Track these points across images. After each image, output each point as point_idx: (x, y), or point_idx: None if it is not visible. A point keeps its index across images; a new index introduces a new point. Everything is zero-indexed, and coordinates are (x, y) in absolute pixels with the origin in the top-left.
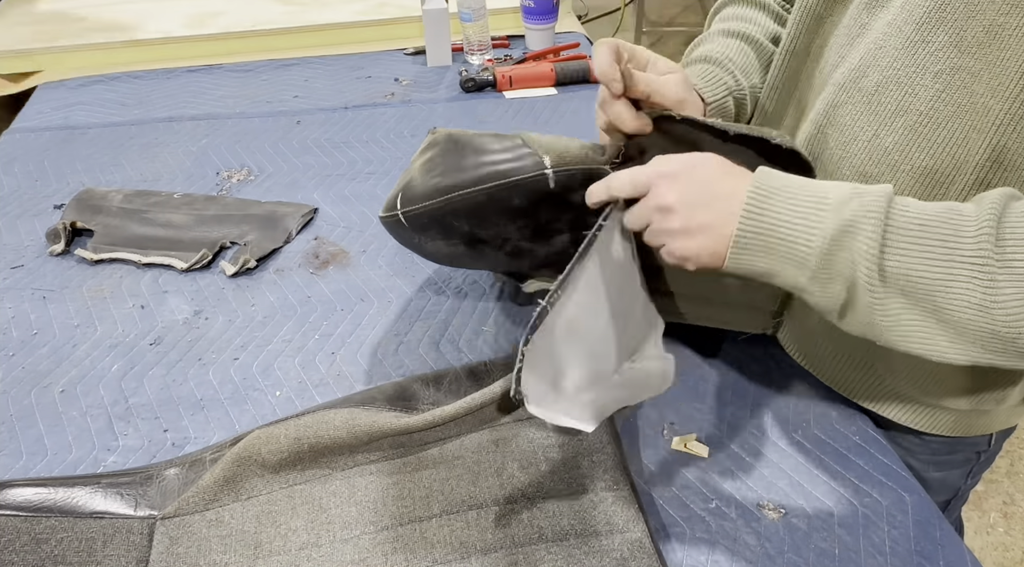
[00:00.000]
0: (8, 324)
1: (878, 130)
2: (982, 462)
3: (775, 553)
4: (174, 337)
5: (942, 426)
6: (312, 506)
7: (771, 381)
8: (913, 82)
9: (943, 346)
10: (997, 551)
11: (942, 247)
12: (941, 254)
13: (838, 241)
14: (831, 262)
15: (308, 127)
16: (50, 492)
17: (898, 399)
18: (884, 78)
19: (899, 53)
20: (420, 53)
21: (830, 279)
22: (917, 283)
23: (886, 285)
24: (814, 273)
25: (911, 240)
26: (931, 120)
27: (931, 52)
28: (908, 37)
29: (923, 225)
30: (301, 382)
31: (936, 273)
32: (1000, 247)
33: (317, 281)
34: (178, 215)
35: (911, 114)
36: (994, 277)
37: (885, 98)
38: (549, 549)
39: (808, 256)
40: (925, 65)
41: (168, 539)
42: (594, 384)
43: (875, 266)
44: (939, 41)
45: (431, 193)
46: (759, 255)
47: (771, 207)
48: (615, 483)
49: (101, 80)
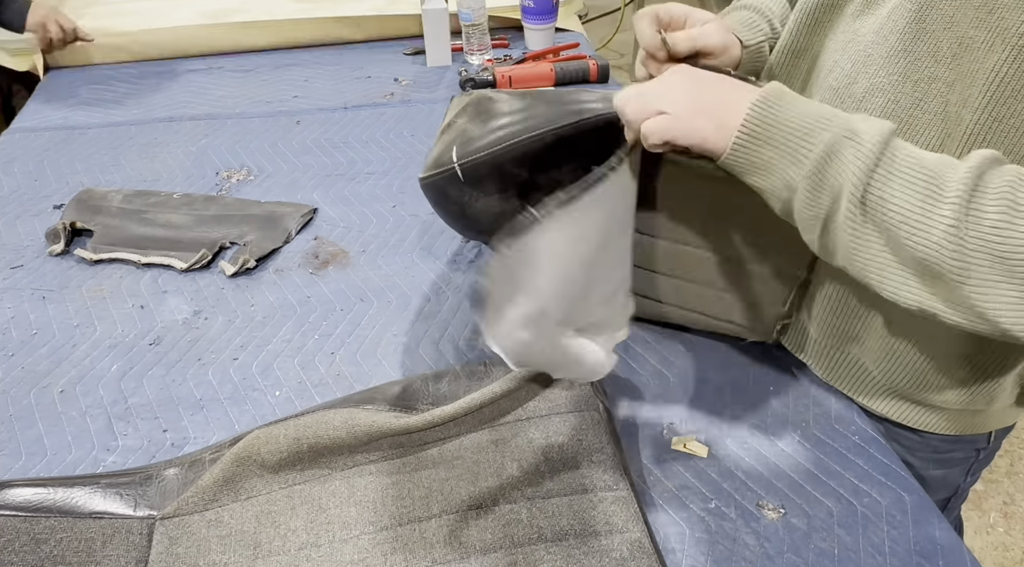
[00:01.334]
0: (8, 324)
1: None
2: (981, 460)
3: (774, 553)
4: (173, 337)
5: (937, 424)
6: (311, 506)
7: (770, 381)
8: (896, 90)
9: (895, 283)
10: (997, 551)
11: (924, 184)
12: (921, 189)
13: (838, 148)
14: (825, 168)
15: (308, 127)
16: (49, 492)
17: (891, 395)
18: (871, 85)
19: (884, 61)
20: (420, 53)
21: (820, 185)
22: (890, 212)
23: (865, 208)
24: (808, 174)
25: (899, 170)
26: (911, 127)
27: (911, 62)
28: (892, 46)
29: (916, 159)
30: (300, 382)
31: (910, 207)
32: (969, 194)
33: (317, 281)
34: (178, 215)
35: (892, 121)
36: (958, 219)
37: (871, 104)
38: (548, 549)
39: (808, 155)
40: (906, 74)
41: (167, 539)
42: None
43: (861, 184)
44: (918, 51)
45: (496, 141)
46: (762, 146)
47: (783, 105)
48: (614, 483)
49: (101, 79)
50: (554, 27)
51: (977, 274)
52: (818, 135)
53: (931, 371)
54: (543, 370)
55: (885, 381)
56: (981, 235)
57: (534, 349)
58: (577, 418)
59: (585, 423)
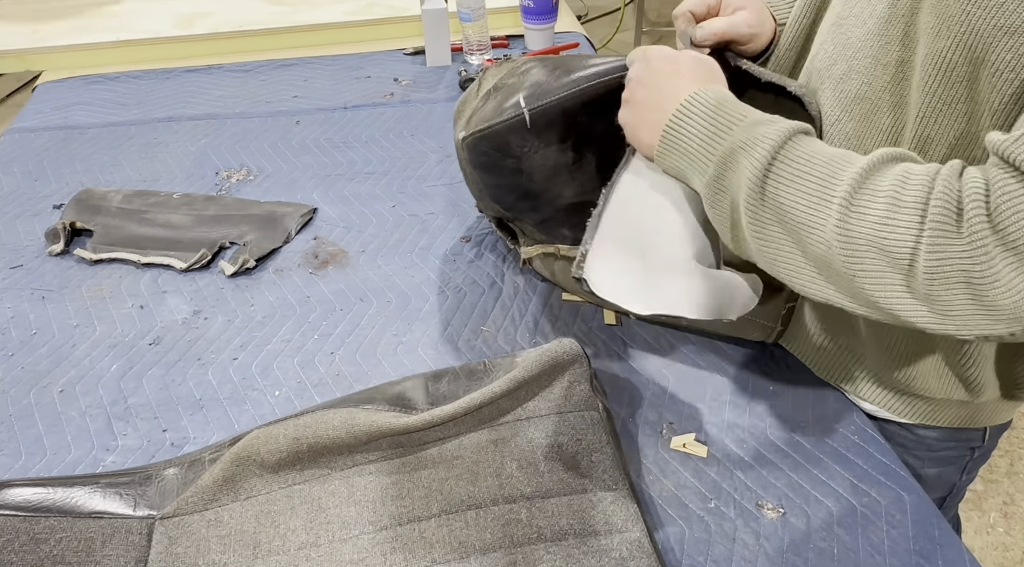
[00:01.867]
0: (7, 324)
1: (840, 116)
2: (977, 458)
3: (774, 552)
4: (173, 337)
5: (927, 415)
6: (311, 506)
7: (770, 381)
8: (869, 73)
9: (803, 279)
10: (997, 551)
11: (817, 185)
12: (814, 191)
13: (734, 157)
14: (723, 176)
15: (307, 127)
16: (49, 492)
17: (883, 386)
18: (849, 67)
19: (861, 44)
20: (419, 53)
21: (722, 192)
22: (787, 213)
23: (763, 210)
24: (709, 182)
25: (792, 172)
26: (879, 110)
27: (883, 45)
28: (870, 30)
29: (809, 161)
30: (300, 382)
31: (803, 207)
32: (855, 194)
33: (316, 281)
34: (177, 215)
35: (866, 102)
36: (846, 218)
37: (847, 86)
38: (548, 549)
39: (707, 165)
40: (878, 57)
41: (167, 539)
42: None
43: (757, 189)
44: (891, 35)
45: (569, 84)
46: (675, 156)
47: (695, 115)
48: (614, 483)
49: (100, 80)
50: (554, 27)
51: (867, 268)
52: (718, 145)
53: (919, 360)
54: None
55: (877, 370)
56: (866, 231)
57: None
58: (577, 418)
59: (585, 423)
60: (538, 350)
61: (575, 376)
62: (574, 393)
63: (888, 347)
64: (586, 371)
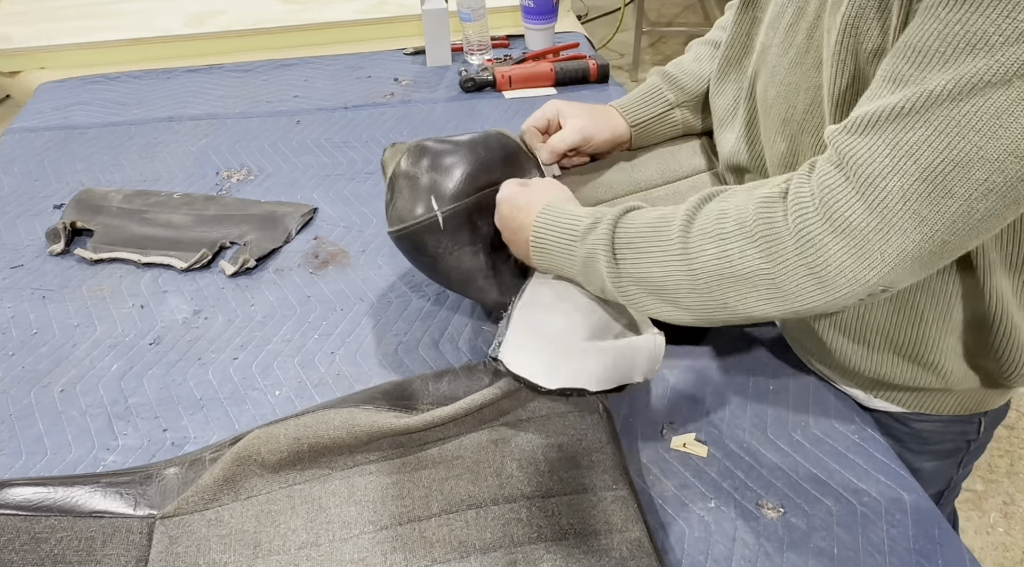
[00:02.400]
0: (8, 324)
1: (774, 137)
2: (973, 451)
3: (774, 552)
4: (173, 337)
5: (905, 402)
6: (311, 506)
7: (770, 380)
8: (791, 97)
9: (694, 320)
10: (997, 551)
11: (657, 250)
12: (657, 256)
13: (587, 265)
14: (590, 279)
15: (308, 127)
16: (50, 491)
17: (850, 367)
18: (777, 92)
19: (786, 71)
20: (420, 53)
21: (592, 282)
22: (648, 281)
23: (631, 289)
24: (580, 279)
25: (633, 251)
26: (804, 130)
27: (803, 72)
28: (792, 59)
29: (640, 236)
30: (300, 382)
31: (656, 272)
32: (686, 243)
33: (317, 281)
34: (178, 215)
35: (792, 124)
36: (691, 266)
37: (776, 111)
38: (548, 548)
39: (572, 268)
40: (799, 83)
41: (167, 538)
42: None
43: (616, 278)
44: (807, 63)
45: (468, 190)
46: (546, 262)
47: (545, 242)
48: (614, 482)
49: (100, 80)
50: (554, 27)
51: (730, 295)
52: (573, 252)
53: (874, 344)
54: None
55: (849, 355)
56: (712, 271)
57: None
58: (577, 418)
59: (585, 423)
60: None
61: None
62: None
63: (844, 329)
64: None
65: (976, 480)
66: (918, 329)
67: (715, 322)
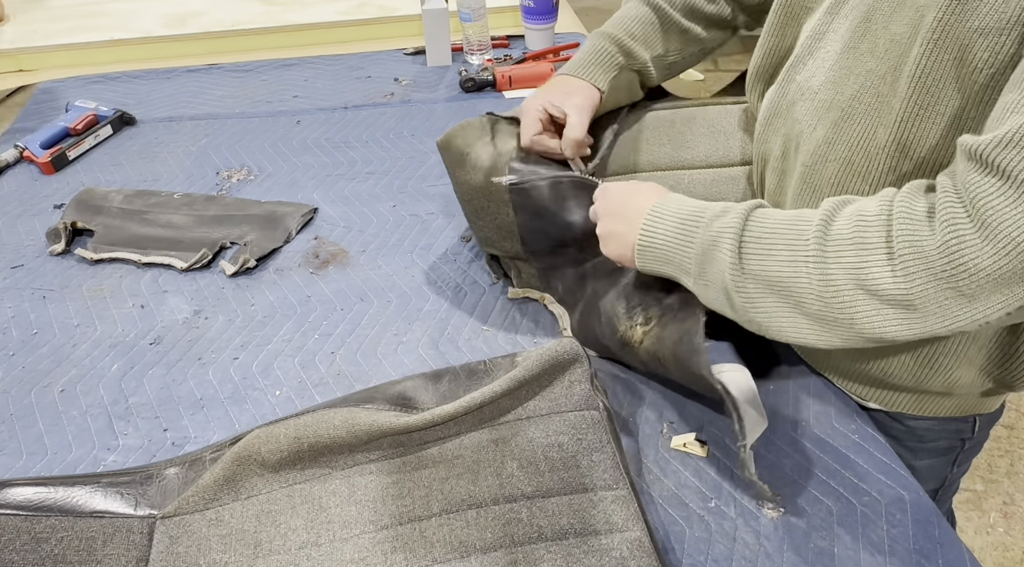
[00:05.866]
0: (8, 324)
1: (815, 124)
2: (968, 450)
3: (774, 552)
4: (174, 337)
5: (906, 404)
6: (312, 505)
7: (770, 380)
8: (841, 82)
9: (808, 333)
10: (997, 551)
11: (788, 250)
12: (787, 255)
13: (708, 253)
14: (706, 270)
15: (308, 127)
16: (50, 491)
17: (854, 371)
18: (826, 79)
19: (838, 56)
20: (420, 53)
21: (708, 284)
22: (773, 281)
23: (750, 286)
24: (696, 279)
25: (762, 246)
26: (849, 117)
27: (856, 57)
28: (845, 43)
29: (773, 232)
30: (301, 382)
31: (785, 272)
32: (823, 246)
33: (317, 281)
34: (178, 215)
35: (835, 110)
36: (825, 271)
37: (822, 97)
38: (548, 548)
39: (688, 266)
40: (851, 67)
41: (168, 538)
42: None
43: (738, 272)
44: (863, 48)
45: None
46: (657, 263)
47: (661, 225)
48: (614, 482)
49: (100, 80)
50: (554, 27)
51: (860, 309)
52: (690, 246)
53: (888, 351)
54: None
55: (855, 359)
56: (848, 278)
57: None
58: (577, 417)
59: (585, 422)
60: (539, 350)
61: (576, 375)
62: (574, 392)
63: None
64: (587, 370)
65: (976, 480)
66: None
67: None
